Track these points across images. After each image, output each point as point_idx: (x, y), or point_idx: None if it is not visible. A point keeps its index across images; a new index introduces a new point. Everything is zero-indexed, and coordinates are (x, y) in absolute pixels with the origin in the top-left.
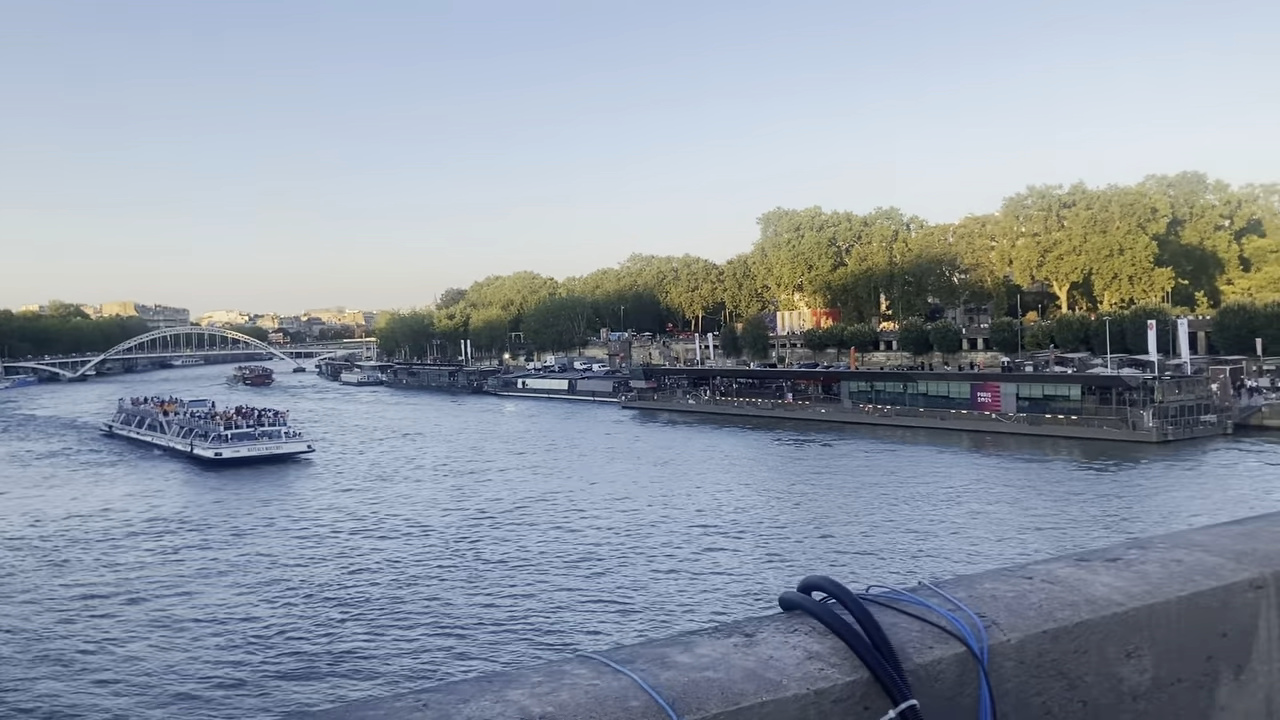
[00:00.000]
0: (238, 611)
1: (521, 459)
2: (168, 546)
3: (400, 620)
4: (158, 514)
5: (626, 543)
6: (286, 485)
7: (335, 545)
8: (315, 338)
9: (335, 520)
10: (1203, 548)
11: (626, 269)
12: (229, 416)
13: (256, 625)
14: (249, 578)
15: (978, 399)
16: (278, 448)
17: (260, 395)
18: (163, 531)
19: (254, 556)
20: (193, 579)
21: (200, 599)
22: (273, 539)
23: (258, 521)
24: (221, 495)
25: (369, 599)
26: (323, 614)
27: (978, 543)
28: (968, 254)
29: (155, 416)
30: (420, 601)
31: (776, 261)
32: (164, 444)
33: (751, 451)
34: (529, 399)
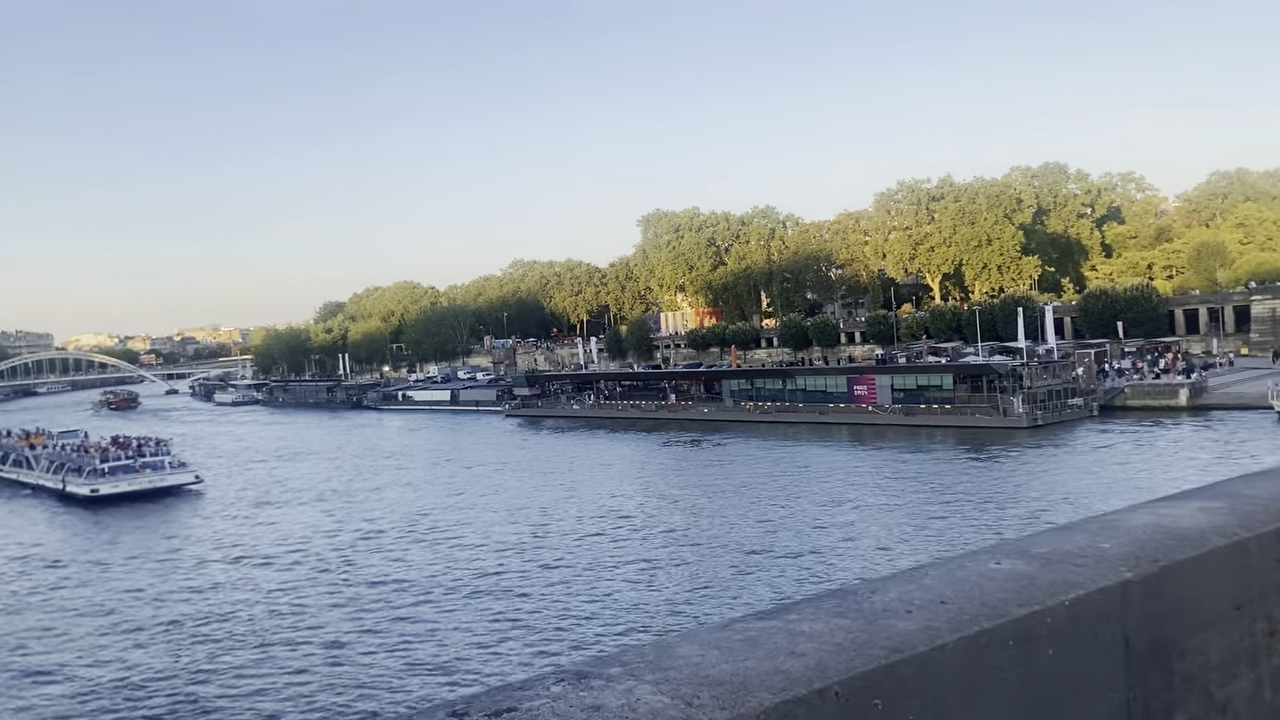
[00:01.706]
0: (106, 657)
1: (405, 476)
2: (30, 591)
3: (300, 655)
4: (24, 559)
5: (511, 561)
6: (172, 520)
7: (222, 583)
8: (190, 358)
9: (224, 556)
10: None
11: (509, 275)
12: (104, 448)
13: (131, 671)
14: (122, 621)
15: (855, 392)
16: (161, 480)
17: (127, 420)
18: (24, 576)
19: (128, 598)
20: (59, 623)
21: (66, 644)
22: (150, 577)
23: (132, 562)
24: (98, 536)
25: (258, 637)
26: (205, 656)
27: (860, 540)
28: (843, 249)
29: (20, 451)
30: (310, 633)
31: (658, 263)
32: (32, 481)
33: (634, 455)
34: (411, 412)
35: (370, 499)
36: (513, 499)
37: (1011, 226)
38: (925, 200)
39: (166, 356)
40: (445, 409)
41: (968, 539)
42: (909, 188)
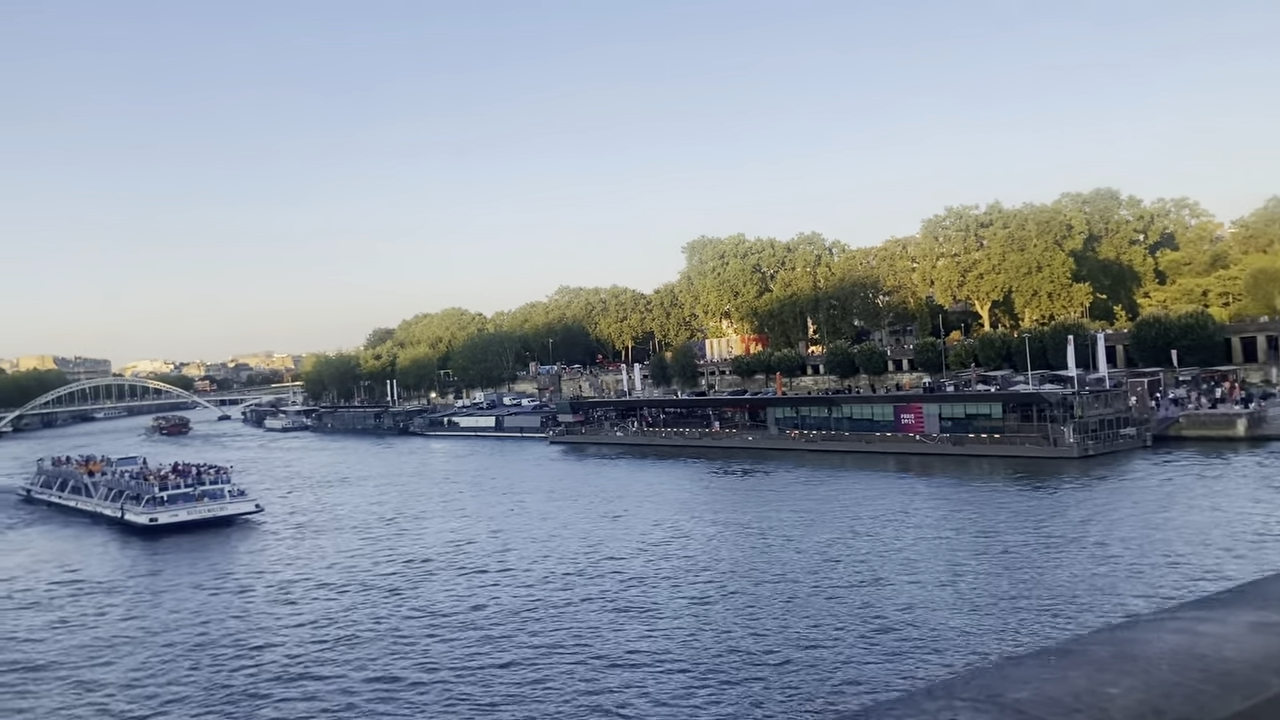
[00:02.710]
0: (147, 686)
1: (452, 503)
2: (80, 618)
3: (345, 687)
4: (76, 586)
5: (559, 594)
6: (228, 550)
7: (270, 613)
8: (242, 384)
9: (274, 585)
10: None
11: (555, 302)
12: (163, 475)
13: (170, 702)
14: (167, 649)
15: (901, 421)
16: (221, 509)
17: (178, 445)
18: (75, 603)
19: (175, 626)
20: (105, 651)
21: (109, 671)
22: (199, 607)
23: (183, 591)
24: (153, 565)
25: (303, 668)
26: (244, 685)
27: (914, 575)
28: (890, 276)
29: (79, 478)
30: (356, 664)
31: (703, 289)
32: (91, 509)
33: (679, 484)
34: (456, 438)
35: (418, 527)
36: (558, 528)
37: (1062, 253)
38: (974, 226)
39: (220, 382)
40: (490, 435)
41: (1022, 573)
42: (957, 214)
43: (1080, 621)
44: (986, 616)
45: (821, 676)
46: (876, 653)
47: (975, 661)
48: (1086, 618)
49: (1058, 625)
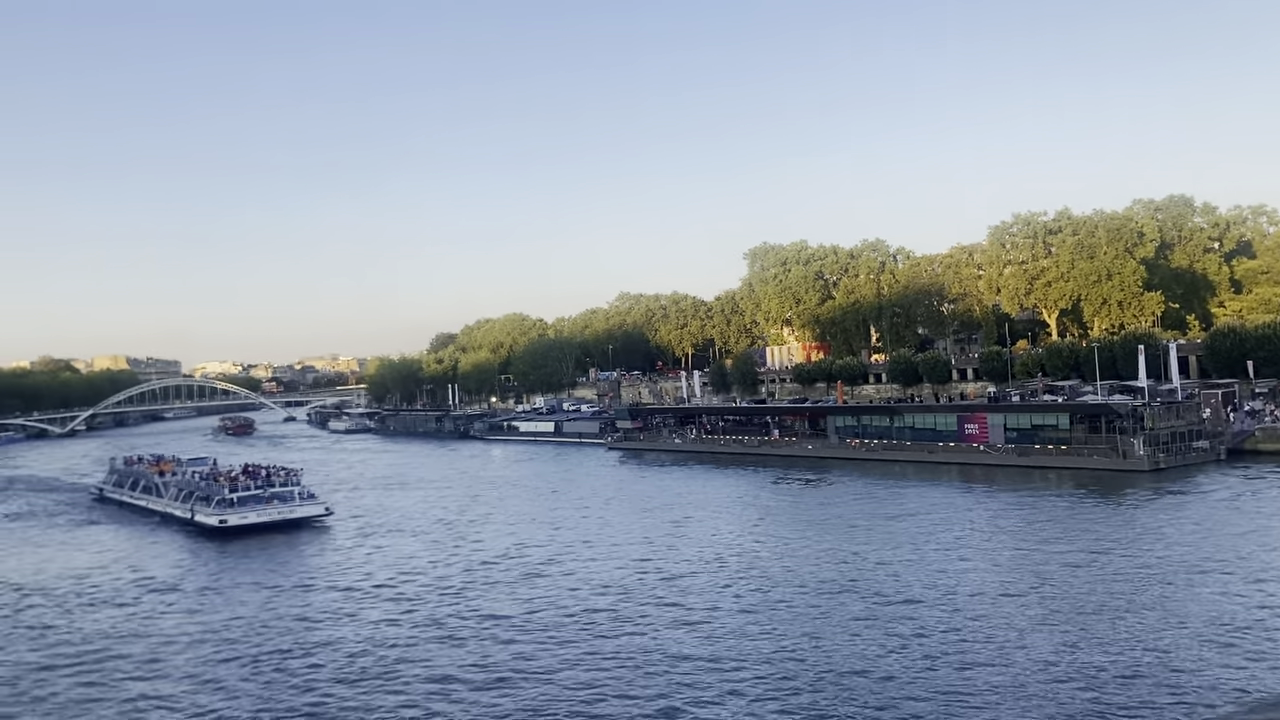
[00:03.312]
0: (205, 686)
1: (513, 507)
2: (145, 617)
3: (401, 690)
4: (142, 586)
5: (621, 601)
6: (295, 553)
7: (332, 615)
8: (309, 386)
9: (337, 587)
10: None
11: (615, 308)
12: (234, 477)
13: (227, 702)
14: (227, 650)
15: (965, 431)
16: (291, 512)
17: (243, 445)
18: (138, 603)
19: (237, 628)
20: (163, 651)
21: (168, 670)
22: (262, 608)
23: (247, 593)
24: (224, 566)
25: (362, 670)
26: (300, 686)
27: (980, 591)
28: (955, 284)
29: (150, 478)
30: (414, 668)
31: (764, 296)
32: (161, 509)
33: (739, 492)
34: (516, 443)
35: (479, 532)
36: (618, 535)
37: (1133, 261)
38: (1042, 233)
39: (287, 384)
40: (549, 440)
41: (1094, 590)
42: (1024, 220)
43: (1199, 658)
44: (1078, 650)
45: (881, 694)
46: (939, 677)
47: (1079, 708)
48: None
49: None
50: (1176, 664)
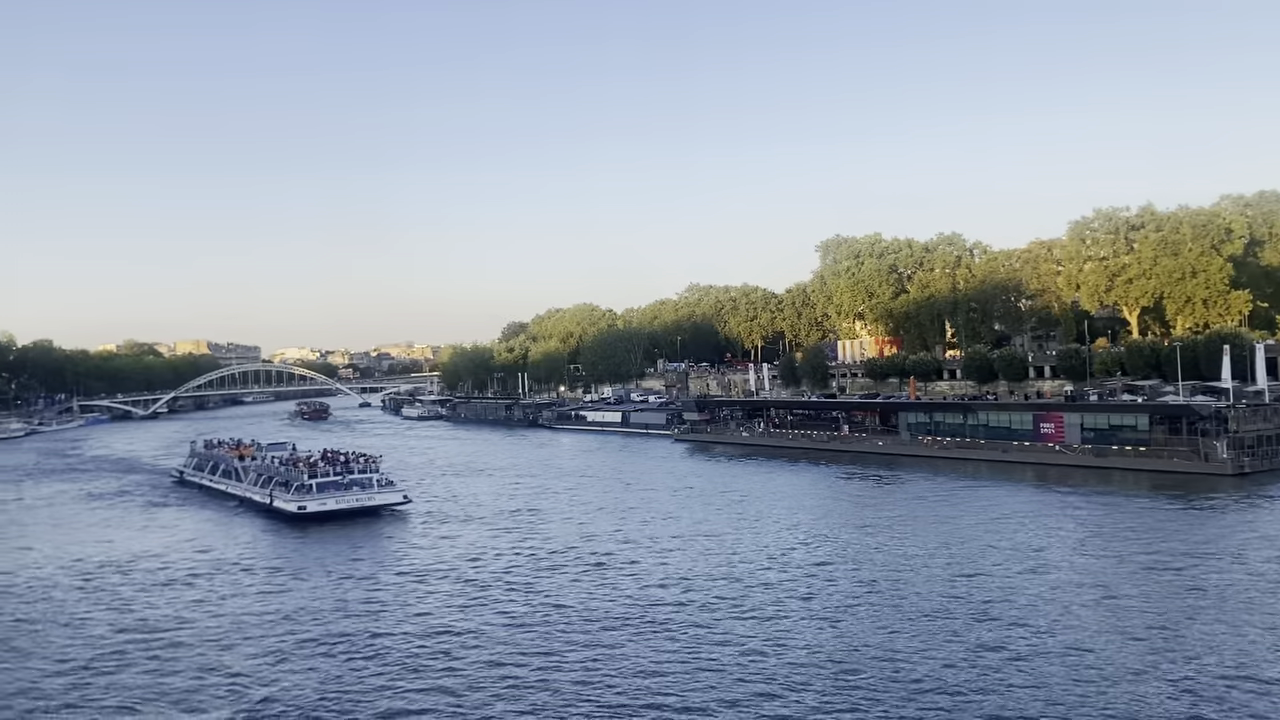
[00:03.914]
0: (278, 668)
1: (582, 496)
2: (219, 600)
3: (464, 680)
4: (219, 570)
5: (692, 595)
6: (374, 541)
7: (400, 602)
8: (384, 372)
9: (409, 574)
10: None
11: (685, 299)
12: (313, 463)
13: (296, 685)
14: (300, 635)
15: (1040, 430)
16: (370, 499)
17: (318, 430)
18: (216, 580)
19: (309, 614)
20: (232, 634)
21: (238, 655)
22: (335, 594)
23: (327, 577)
24: (300, 552)
25: (436, 659)
26: (371, 672)
27: (1060, 600)
28: (1034, 279)
29: (230, 462)
30: (481, 658)
31: (836, 289)
32: (240, 494)
33: (808, 488)
34: (583, 432)
35: (548, 521)
36: (685, 528)
37: (1219, 258)
38: (1124, 229)
39: (363, 371)
40: (616, 430)
41: (1177, 599)
42: (1106, 216)
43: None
44: (1161, 664)
45: (949, 702)
46: (1012, 686)
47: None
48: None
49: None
50: (1268, 676)
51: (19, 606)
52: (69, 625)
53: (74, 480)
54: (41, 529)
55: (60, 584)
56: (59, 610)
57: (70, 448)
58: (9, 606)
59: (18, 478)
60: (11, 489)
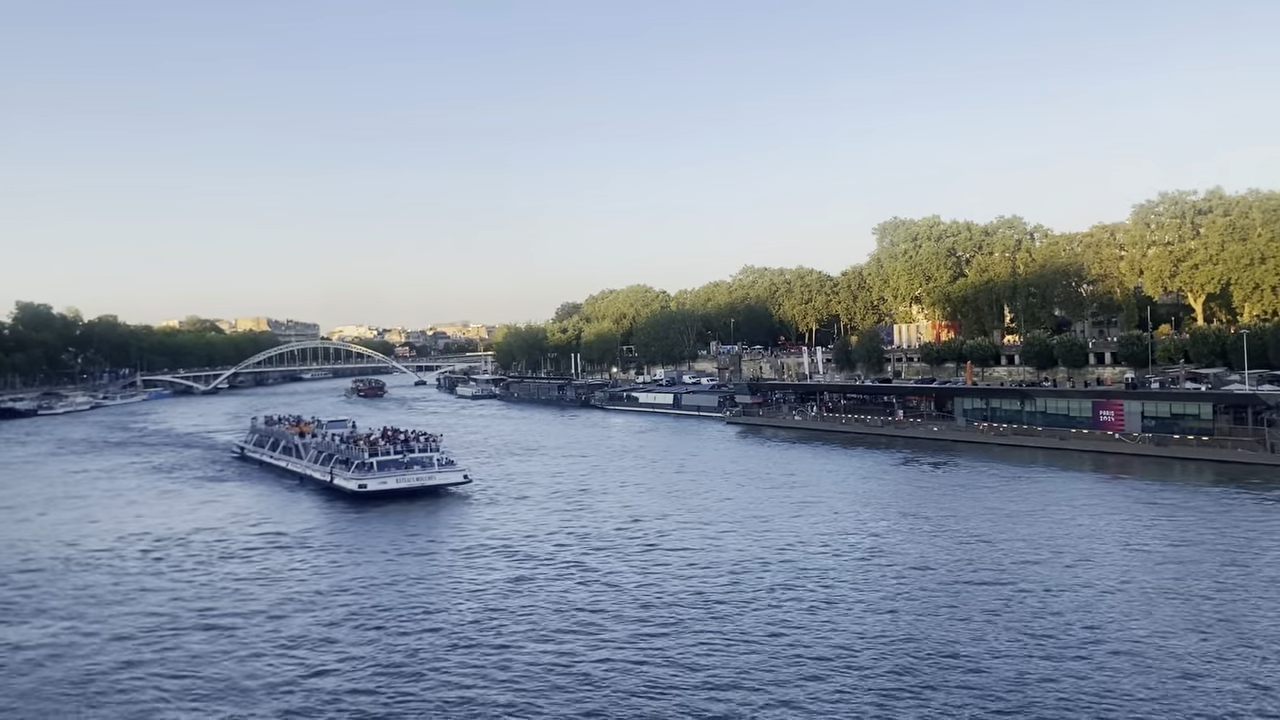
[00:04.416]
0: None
1: (635, 478)
2: (278, 569)
3: (514, 658)
4: (280, 546)
5: (745, 579)
6: (433, 520)
7: (453, 581)
8: (439, 351)
9: (463, 553)
10: None
11: (739, 281)
12: (374, 440)
13: (344, 661)
14: (355, 613)
15: (1100, 418)
16: (430, 479)
17: (373, 408)
18: (273, 555)
19: (364, 593)
20: (300, 603)
21: (289, 628)
22: (388, 573)
23: (383, 556)
24: (359, 531)
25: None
26: (406, 651)
27: (1131, 592)
28: (1095, 264)
29: (290, 439)
30: (533, 637)
31: (893, 272)
32: (300, 470)
33: (862, 473)
34: (635, 413)
35: (602, 502)
36: (739, 512)
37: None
38: (1190, 213)
39: (419, 349)
40: (667, 412)
41: (1242, 593)
42: (1172, 199)
43: None
44: (1228, 660)
45: (1009, 693)
46: (1073, 676)
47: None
48: None
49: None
50: None
51: (82, 576)
52: (129, 596)
53: (137, 453)
54: (105, 501)
55: (122, 555)
56: (120, 581)
57: (133, 421)
58: (72, 576)
59: (83, 450)
60: (76, 461)
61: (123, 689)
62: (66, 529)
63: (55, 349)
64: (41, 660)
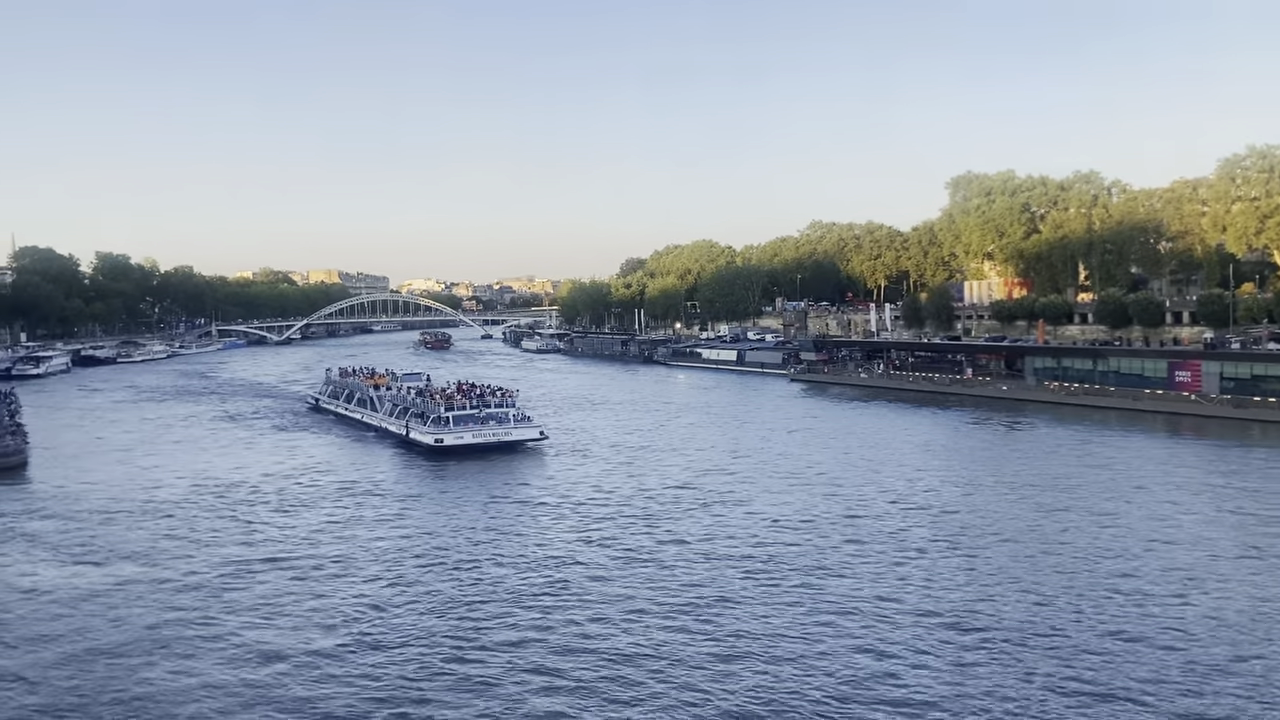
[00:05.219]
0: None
1: (702, 434)
2: (352, 520)
3: (578, 615)
4: (353, 494)
5: (816, 539)
6: (509, 476)
7: (533, 537)
8: (506, 305)
9: (536, 507)
10: None
11: (806, 237)
12: (449, 395)
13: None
14: (429, 556)
15: (1176, 378)
16: (506, 434)
17: (441, 360)
18: (345, 504)
19: (445, 546)
20: (363, 550)
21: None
22: (470, 522)
23: (459, 510)
24: (437, 485)
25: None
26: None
27: (1214, 562)
28: (1176, 220)
29: (365, 391)
30: (602, 593)
31: (965, 228)
32: (375, 423)
33: (931, 433)
34: (698, 370)
35: (666, 458)
36: (805, 470)
37: None
38: (1279, 168)
39: (485, 303)
40: (731, 369)
41: None
42: (1260, 154)
43: None
44: None
45: (1099, 663)
46: (1171, 651)
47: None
48: None
49: None
50: None
51: (159, 522)
52: (204, 541)
53: (213, 402)
54: (181, 448)
55: (198, 502)
56: (194, 527)
57: (209, 370)
58: (148, 523)
59: (160, 397)
60: (154, 408)
61: (194, 632)
62: (144, 475)
63: (133, 299)
64: (116, 603)
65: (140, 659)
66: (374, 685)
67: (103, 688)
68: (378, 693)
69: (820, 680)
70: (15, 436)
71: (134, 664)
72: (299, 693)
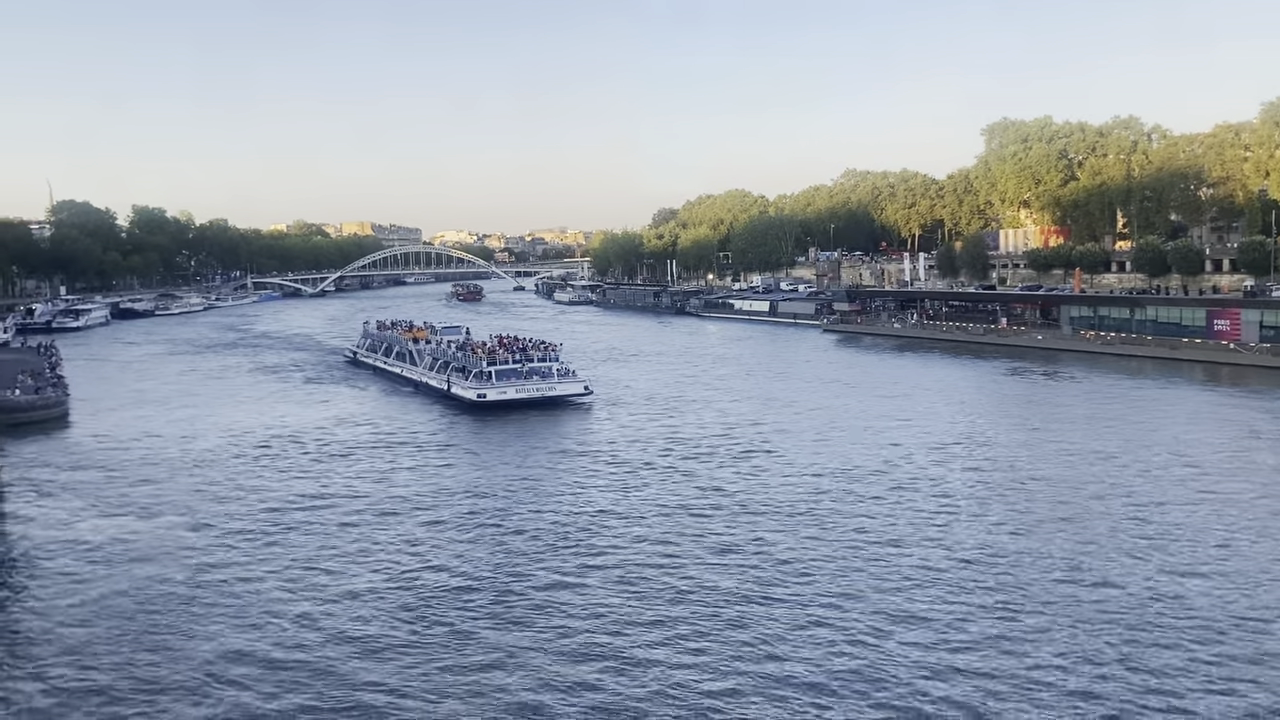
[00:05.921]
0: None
1: (737, 386)
2: (390, 470)
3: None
4: (391, 445)
5: (856, 488)
6: (550, 429)
7: (569, 490)
8: (538, 257)
9: (572, 458)
10: None
11: (840, 185)
12: (491, 349)
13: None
14: (469, 504)
15: (1214, 327)
16: (550, 389)
17: (474, 312)
18: (385, 456)
19: (466, 501)
20: (405, 501)
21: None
22: (508, 476)
23: (498, 463)
24: (479, 441)
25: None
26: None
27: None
28: (1217, 166)
29: (404, 344)
30: (645, 551)
31: (1001, 175)
32: (415, 378)
33: (967, 383)
34: (730, 321)
35: (702, 408)
36: (840, 420)
37: None
38: None
39: (518, 255)
40: (763, 320)
41: None
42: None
43: None
44: None
45: (1142, 613)
46: (1215, 601)
47: None
48: None
49: None
50: None
51: (200, 472)
52: (244, 491)
53: (250, 354)
54: (219, 399)
55: (239, 454)
56: (235, 477)
57: (245, 322)
58: (188, 473)
59: (197, 349)
60: (191, 360)
61: (231, 584)
62: (184, 426)
63: (170, 252)
64: (154, 555)
65: (179, 611)
66: (413, 621)
67: (141, 638)
68: (417, 626)
69: (856, 620)
70: (56, 388)
71: (174, 614)
72: (343, 628)
